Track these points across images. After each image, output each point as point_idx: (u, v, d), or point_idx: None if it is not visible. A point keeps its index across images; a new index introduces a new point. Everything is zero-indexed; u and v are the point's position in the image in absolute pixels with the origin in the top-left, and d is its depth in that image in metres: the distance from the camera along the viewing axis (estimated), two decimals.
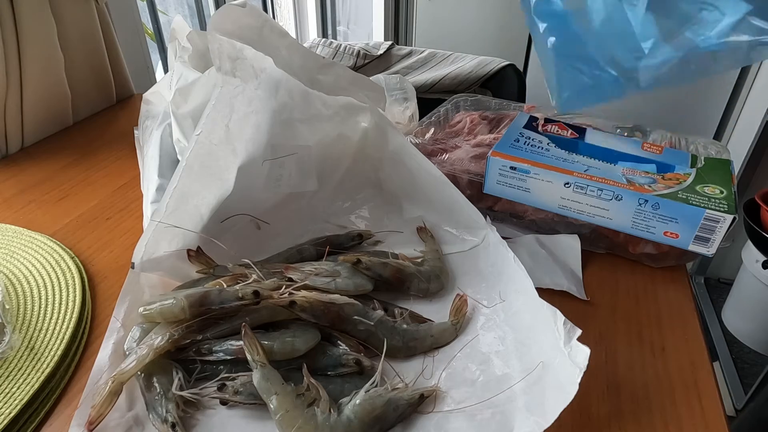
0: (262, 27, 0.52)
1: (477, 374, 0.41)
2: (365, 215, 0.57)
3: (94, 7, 0.81)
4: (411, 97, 0.73)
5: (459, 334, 0.44)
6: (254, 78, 0.46)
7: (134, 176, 0.69)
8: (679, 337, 0.45)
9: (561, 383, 0.35)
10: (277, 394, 0.36)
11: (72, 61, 0.80)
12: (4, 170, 0.72)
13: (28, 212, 0.62)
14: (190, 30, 0.64)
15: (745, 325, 1.42)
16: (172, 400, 0.37)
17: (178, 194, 0.45)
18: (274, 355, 0.38)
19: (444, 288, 0.49)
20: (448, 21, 1.98)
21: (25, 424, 0.37)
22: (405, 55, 1.16)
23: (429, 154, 0.60)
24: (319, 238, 0.52)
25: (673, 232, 0.48)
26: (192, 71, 0.59)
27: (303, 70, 0.52)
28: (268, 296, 0.40)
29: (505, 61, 1.11)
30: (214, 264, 0.46)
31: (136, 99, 0.94)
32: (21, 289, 0.48)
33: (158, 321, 0.40)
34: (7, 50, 0.69)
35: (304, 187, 0.53)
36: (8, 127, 0.74)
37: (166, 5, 1.51)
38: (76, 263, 0.51)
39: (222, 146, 0.47)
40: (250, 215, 0.50)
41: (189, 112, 0.57)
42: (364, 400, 0.37)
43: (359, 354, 0.41)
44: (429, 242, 0.53)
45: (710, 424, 0.38)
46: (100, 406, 0.36)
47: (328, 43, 1.16)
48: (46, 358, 0.41)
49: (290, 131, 0.48)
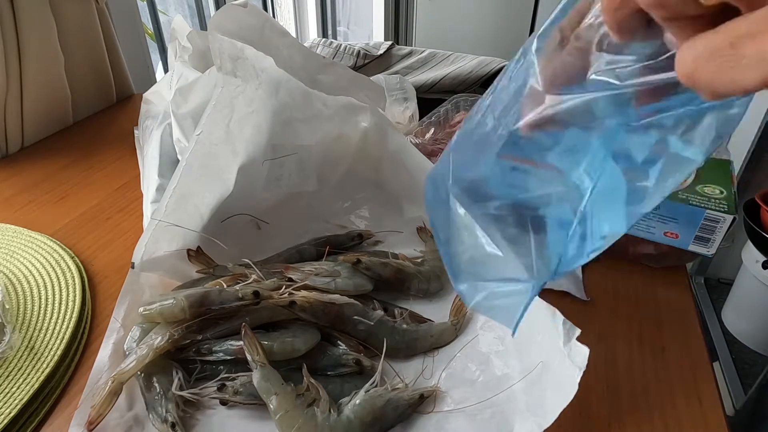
0: (262, 27, 0.52)
1: (477, 374, 0.41)
2: (365, 215, 0.57)
3: (94, 7, 0.81)
4: (411, 97, 0.73)
5: (459, 334, 0.44)
6: (255, 78, 0.46)
7: (134, 176, 0.69)
8: (679, 337, 0.45)
9: (560, 383, 0.35)
10: (276, 394, 0.36)
11: (72, 61, 0.80)
12: (4, 170, 0.72)
13: (28, 212, 0.62)
14: (190, 30, 0.64)
15: (745, 325, 1.42)
16: (172, 400, 0.37)
17: (178, 194, 0.45)
18: (274, 355, 0.38)
19: (444, 288, 0.49)
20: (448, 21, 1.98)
21: (25, 424, 0.37)
22: (405, 55, 1.16)
23: (429, 154, 0.60)
24: (319, 238, 0.52)
25: (672, 232, 0.48)
26: (192, 71, 0.59)
27: (303, 70, 0.52)
28: (268, 296, 0.40)
29: (505, 61, 1.11)
30: (214, 264, 0.46)
31: (136, 99, 0.94)
32: (21, 289, 0.48)
33: (158, 321, 0.40)
34: (7, 50, 0.69)
35: (304, 187, 0.53)
36: (8, 127, 0.74)
37: (166, 5, 1.51)
38: (76, 263, 0.51)
39: (222, 146, 0.47)
40: (250, 215, 0.50)
41: (189, 112, 0.57)
42: (364, 400, 0.37)
43: (359, 354, 0.41)
44: (429, 242, 0.53)
45: (710, 424, 0.38)
46: (100, 406, 0.36)
47: (328, 43, 1.16)
48: (46, 358, 0.41)
49: (290, 131, 0.48)
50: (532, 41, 0.22)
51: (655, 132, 0.19)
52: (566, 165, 0.23)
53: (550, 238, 0.24)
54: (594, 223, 0.22)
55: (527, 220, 0.25)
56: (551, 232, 0.24)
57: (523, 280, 0.25)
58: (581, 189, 0.22)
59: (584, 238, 0.22)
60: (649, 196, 0.20)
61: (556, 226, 0.24)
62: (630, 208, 0.21)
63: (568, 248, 0.23)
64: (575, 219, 0.22)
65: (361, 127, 0.51)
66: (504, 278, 0.26)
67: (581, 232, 0.22)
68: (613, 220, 0.22)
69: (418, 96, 0.74)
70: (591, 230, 0.22)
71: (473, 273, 0.28)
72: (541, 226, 0.25)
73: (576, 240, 0.23)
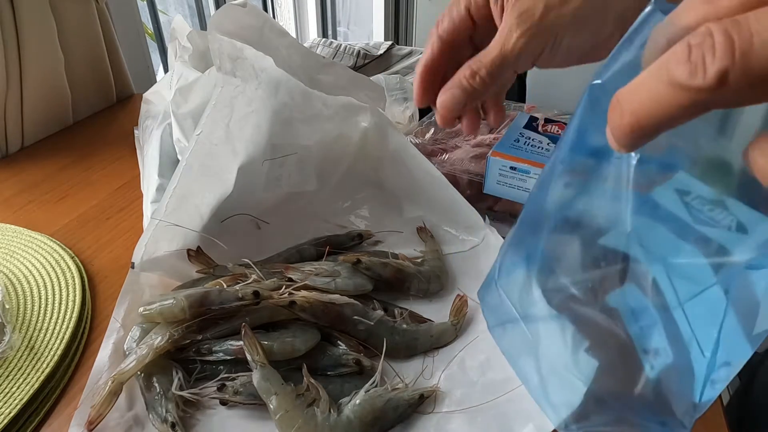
0: (262, 27, 0.52)
1: (477, 375, 0.40)
2: (365, 215, 0.57)
3: (94, 7, 0.81)
4: (411, 97, 0.73)
5: (459, 334, 0.44)
6: (254, 78, 0.46)
7: (134, 176, 0.69)
8: None
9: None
10: (276, 394, 0.36)
11: (72, 61, 0.80)
12: (4, 170, 0.71)
13: (28, 212, 0.62)
14: (190, 30, 0.64)
15: None
16: (171, 400, 0.37)
17: (178, 194, 0.45)
18: (274, 355, 0.38)
19: (444, 288, 0.49)
20: None
21: (25, 424, 0.38)
22: (405, 55, 1.16)
23: (429, 154, 0.60)
24: (319, 238, 0.52)
25: None
26: (192, 71, 0.59)
27: (303, 69, 0.52)
28: (268, 296, 0.40)
29: None
30: (214, 264, 0.46)
31: (136, 99, 0.94)
32: (21, 289, 0.48)
33: (158, 321, 0.40)
34: (7, 50, 0.69)
35: (304, 187, 0.53)
36: (8, 126, 0.74)
37: (166, 5, 1.51)
38: (76, 263, 0.51)
39: (222, 146, 0.47)
40: (250, 215, 0.50)
41: (189, 111, 0.57)
42: (364, 400, 0.37)
43: (359, 354, 0.41)
44: (429, 242, 0.53)
45: (710, 424, 0.38)
46: (100, 406, 0.36)
47: (328, 43, 1.16)
48: (46, 357, 0.41)
49: (290, 131, 0.48)
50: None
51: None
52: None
53: (678, 371, 0.24)
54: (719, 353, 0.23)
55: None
56: (675, 361, 0.24)
57: (657, 426, 0.25)
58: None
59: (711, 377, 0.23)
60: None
61: (669, 348, 0.24)
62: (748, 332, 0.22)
63: (705, 389, 0.24)
64: (706, 358, 0.23)
65: (361, 126, 0.51)
66: (624, 420, 0.27)
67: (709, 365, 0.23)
68: (735, 345, 0.22)
69: None
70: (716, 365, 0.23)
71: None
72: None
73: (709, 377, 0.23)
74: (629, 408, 0.26)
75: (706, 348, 0.22)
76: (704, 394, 0.23)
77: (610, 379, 0.26)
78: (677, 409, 0.25)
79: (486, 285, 0.34)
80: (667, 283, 0.22)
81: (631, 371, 0.25)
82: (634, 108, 0.16)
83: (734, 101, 0.14)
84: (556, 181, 0.25)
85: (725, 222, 0.20)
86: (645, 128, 0.16)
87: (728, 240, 0.20)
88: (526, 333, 0.29)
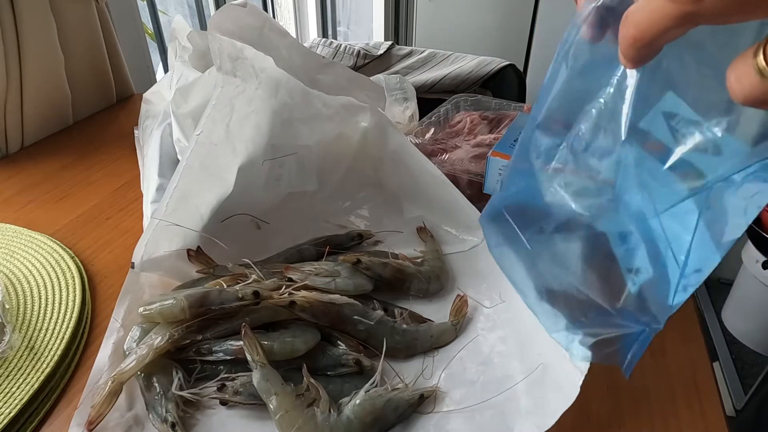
0: (262, 27, 0.52)
1: (477, 375, 0.40)
2: (365, 215, 0.57)
3: (94, 7, 0.81)
4: (411, 97, 0.73)
5: (459, 334, 0.44)
6: (254, 78, 0.46)
7: (134, 176, 0.69)
8: (679, 337, 0.45)
9: (562, 385, 0.35)
10: (276, 395, 0.36)
11: (72, 61, 0.80)
12: (4, 170, 0.72)
13: (28, 212, 0.62)
14: (190, 30, 0.64)
15: (745, 326, 1.42)
16: (171, 400, 0.37)
17: (178, 194, 0.45)
18: (274, 355, 0.38)
19: (444, 288, 0.49)
20: (448, 21, 1.98)
21: (25, 424, 0.38)
22: (405, 55, 1.16)
23: (429, 154, 0.60)
24: (319, 238, 0.52)
25: None
26: (192, 71, 0.59)
27: (303, 69, 0.52)
28: (268, 296, 0.40)
29: (505, 61, 1.11)
30: (214, 264, 0.46)
31: (136, 99, 0.94)
32: (21, 289, 0.48)
33: (158, 321, 0.40)
34: (7, 50, 0.69)
35: (304, 187, 0.53)
36: (8, 126, 0.74)
37: (166, 5, 1.51)
38: (76, 263, 0.51)
39: (222, 146, 0.47)
40: (250, 215, 0.50)
41: (189, 111, 0.57)
42: (364, 400, 0.37)
43: (359, 354, 0.41)
44: (429, 242, 0.53)
45: (710, 424, 0.38)
46: (100, 406, 0.36)
47: (328, 43, 1.16)
48: (46, 357, 0.41)
49: (290, 131, 0.48)
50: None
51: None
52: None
53: (655, 282, 0.27)
54: (691, 260, 0.25)
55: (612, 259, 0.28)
56: (654, 275, 0.27)
57: (637, 324, 0.28)
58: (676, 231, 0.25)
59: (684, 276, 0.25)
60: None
61: (650, 265, 0.27)
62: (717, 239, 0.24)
63: (677, 293, 0.26)
64: (679, 267, 0.25)
65: (361, 126, 0.51)
66: (610, 324, 0.30)
67: (681, 272, 0.25)
68: (706, 254, 0.24)
69: (418, 96, 0.74)
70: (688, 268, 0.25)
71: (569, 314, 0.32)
72: (628, 265, 0.28)
73: (680, 282, 0.26)
74: (614, 315, 0.29)
75: (680, 254, 0.25)
76: (676, 297, 0.26)
77: (596, 292, 0.30)
78: (654, 311, 0.28)
79: (488, 209, 0.35)
80: (647, 196, 0.25)
81: (616, 287, 0.29)
82: (637, 20, 0.18)
83: (716, 14, 0.17)
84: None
85: (702, 145, 0.23)
86: (645, 39, 0.19)
87: (704, 161, 0.23)
88: (525, 245, 0.32)
